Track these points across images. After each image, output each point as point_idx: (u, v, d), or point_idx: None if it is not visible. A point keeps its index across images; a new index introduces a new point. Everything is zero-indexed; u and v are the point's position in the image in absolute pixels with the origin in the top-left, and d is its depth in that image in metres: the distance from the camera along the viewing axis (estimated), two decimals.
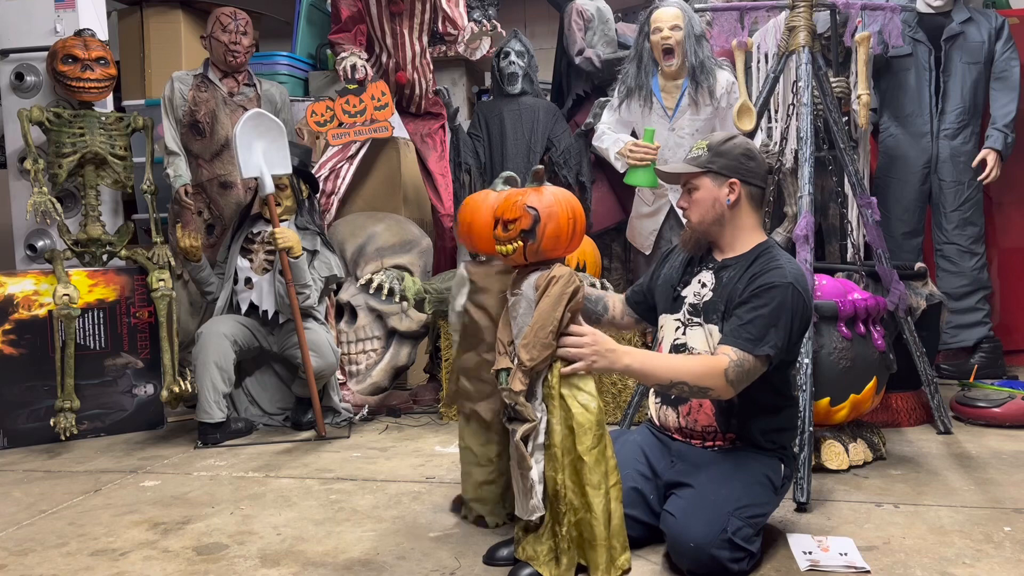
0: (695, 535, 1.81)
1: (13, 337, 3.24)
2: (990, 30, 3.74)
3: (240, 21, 3.67)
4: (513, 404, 1.80)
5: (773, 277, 1.91)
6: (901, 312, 2.91)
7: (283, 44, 4.81)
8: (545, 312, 1.80)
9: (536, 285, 1.84)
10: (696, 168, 2.03)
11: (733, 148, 2.03)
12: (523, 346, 1.79)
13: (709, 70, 3.31)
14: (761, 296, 1.90)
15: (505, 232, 1.87)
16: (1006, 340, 3.98)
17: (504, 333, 1.92)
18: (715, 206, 2.02)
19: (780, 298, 1.88)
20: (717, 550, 1.79)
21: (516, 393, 1.79)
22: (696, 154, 2.06)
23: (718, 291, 2.00)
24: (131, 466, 2.92)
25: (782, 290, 1.89)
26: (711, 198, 2.02)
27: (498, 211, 1.91)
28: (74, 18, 3.66)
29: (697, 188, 2.04)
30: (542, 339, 1.79)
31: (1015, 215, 4.16)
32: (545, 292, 1.81)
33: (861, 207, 2.92)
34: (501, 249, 1.88)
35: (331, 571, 1.96)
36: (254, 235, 3.42)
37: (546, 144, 3.90)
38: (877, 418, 2.97)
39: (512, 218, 1.85)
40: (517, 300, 1.89)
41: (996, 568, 1.87)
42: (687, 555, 1.83)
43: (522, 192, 1.90)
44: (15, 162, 3.70)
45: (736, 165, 2.02)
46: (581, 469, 1.80)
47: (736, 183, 2.01)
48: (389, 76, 3.97)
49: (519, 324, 1.87)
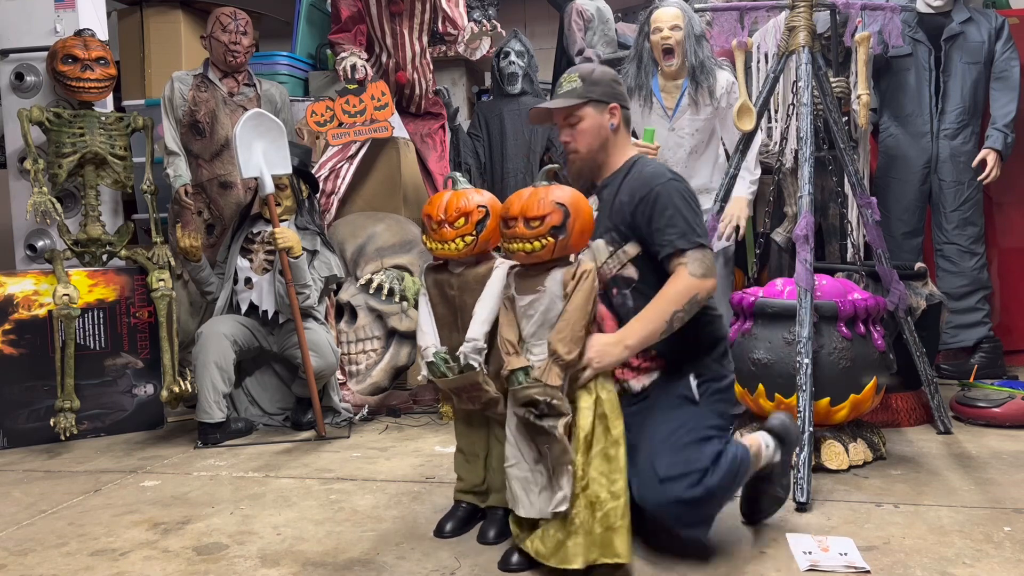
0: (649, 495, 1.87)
1: (13, 337, 3.24)
2: (990, 30, 3.74)
3: (240, 21, 3.67)
4: (549, 400, 1.79)
5: (653, 182, 2.03)
6: (901, 312, 2.91)
7: (283, 44, 4.81)
8: (580, 306, 1.84)
9: (564, 281, 1.87)
10: (578, 100, 2.11)
11: (604, 75, 2.15)
12: (561, 340, 1.82)
13: (709, 70, 3.31)
14: (657, 202, 2.01)
15: (530, 229, 1.86)
16: (1006, 340, 3.97)
17: (511, 333, 1.92)
18: (600, 132, 2.13)
19: (670, 193, 2.00)
20: (669, 493, 1.85)
21: (555, 388, 1.80)
22: (572, 87, 2.14)
23: (602, 210, 2.11)
24: (131, 466, 2.92)
25: (666, 186, 2.01)
26: (596, 125, 2.13)
27: (517, 209, 1.89)
28: (74, 18, 3.66)
29: (582, 119, 2.13)
30: (578, 333, 1.83)
31: (1015, 215, 4.16)
32: (577, 286, 1.85)
33: (861, 207, 2.92)
34: (523, 247, 1.87)
35: (331, 571, 1.96)
36: (254, 235, 3.42)
37: (546, 144, 3.90)
38: (877, 418, 2.97)
39: (540, 215, 1.86)
40: (538, 298, 1.89)
41: (996, 568, 1.87)
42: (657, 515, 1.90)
43: (544, 189, 1.91)
44: (15, 162, 3.70)
45: (611, 91, 2.14)
46: (616, 454, 1.84)
47: (616, 108, 2.13)
48: (389, 76, 3.97)
49: (538, 321, 1.89)
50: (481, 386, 2.01)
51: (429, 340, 2.08)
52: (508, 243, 1.91)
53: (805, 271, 2.53)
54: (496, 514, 2.14)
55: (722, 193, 3.04)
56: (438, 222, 2.05)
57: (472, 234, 2.04)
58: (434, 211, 2.06)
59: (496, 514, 2.14)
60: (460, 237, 2.04)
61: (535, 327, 1.89)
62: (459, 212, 2.04)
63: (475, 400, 2.07)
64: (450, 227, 2.03)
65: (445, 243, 2.05)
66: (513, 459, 1.93)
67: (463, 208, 2.04)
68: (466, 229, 2.03)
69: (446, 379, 2.01)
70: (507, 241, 1.91)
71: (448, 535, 2.13)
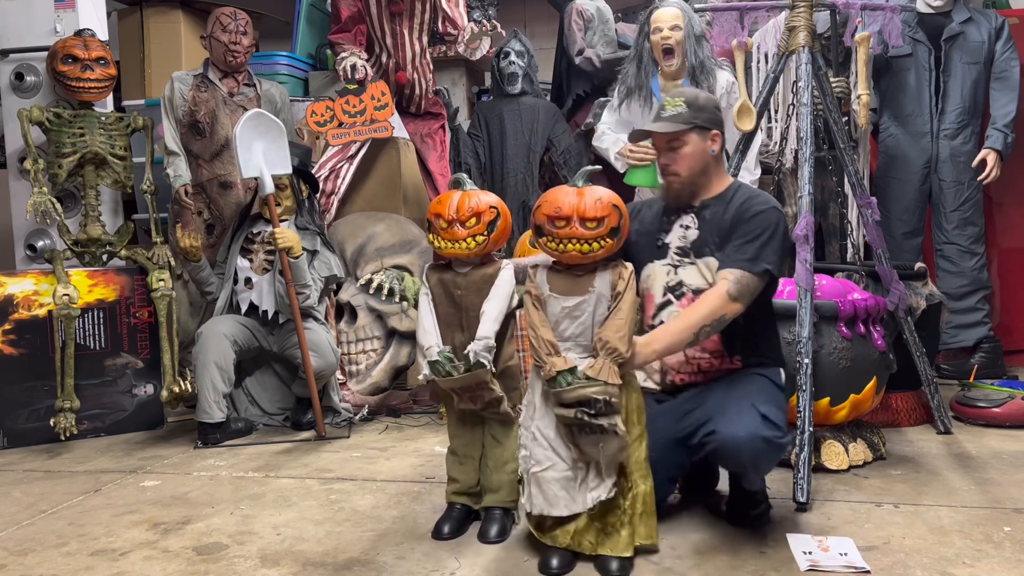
0: (741, 427, 1.93)
1: (13, 337, 3.24)
2: (990, 30, 3.74)
3: (240, 21, 3.67)
4: (608, 398, 1.82)
5: (758, 204, 2.11)
6: (901, 312, 2.91)
7: (283, 44, 4.81)
8: (632, 306, 1.89)
9: (612, 282, 1.90)
10: (684, 125, 2.14)
11: (708, 102, 2.19)
12: (620, 339, 1.85)
13: (709, 70, 3.31)
14: (750, 222, 2.08)
15: (587, 230, 1.87)
16: (1006, 340, 3.97)
17: (548, 333, 1.90)
18: (702, 157, 2.16)
19: (768, 219, 2.08)
20: (765, 431, 1.93)
21: (615, 386, 1.83)
22: (677, 111, 2.15)
23: (704, 228, 2.16)
24: (131, 466, 2.92)
25: (768, 213, 2.09)
26: (699, 151, 2.16)
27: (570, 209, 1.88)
28: (74, 18, 3.66)
29: (685, 144, 2.15)
30: (632, 331, 1.88)
31: (1015, 215, 4.16)
32: (627, 286, 1.90)
33: (861, 207, 2.92)
34: (579, 248, 1.87)
35: (331, 571, 1.96)
36: (254, 235, 3.42)
37: (546, 144, 3.90)
38: (877, 418, 2.97)
39: (598, 216, 1.87)
40: (586, 299, 1.90)
41: (996, 568, 1.87)
42: (741, 447, 1.93)
43: (594, 190, 1.92)
44: (15, 162, 3.70)
45: (715, 118, 2.18)
46: (643, 446, 1.94)
47: (718, 135, 2.18)
48: (389, 76, 3.97)
49: (586, 322, 1.90)
50: (488, 385, 2.02)
51: (432, 339, 2.07)
52: (557, 243, 1.89)
53: (805, 271, 2.53)
54: (495, 513, 2.15)
55: None
56: (449, 221, 2.05)
57: (484, 234, 2.05)
58: (445, 210, 2.06)
59: (495, 513, 2.15)
60: (472, 237, 2.04)
61: (581, 328, 1.91)
62: (471, 212, 2.05)
63: (477, 400, 2.07)
64: (462, 226, 2.04)
65: (456, 242, 2.05)
66: (547, 462, 1.92)
67: (475, 208, 2.05)
68: (478, 229, 2.04)
69: (451, 378, 2.01)
70: (555, 241, 1.89)
71: (447, 537, 2.12)
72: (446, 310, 2.12)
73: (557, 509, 1.91)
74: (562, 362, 1.85)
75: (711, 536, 2.10)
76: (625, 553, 1.89)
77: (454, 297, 2.10)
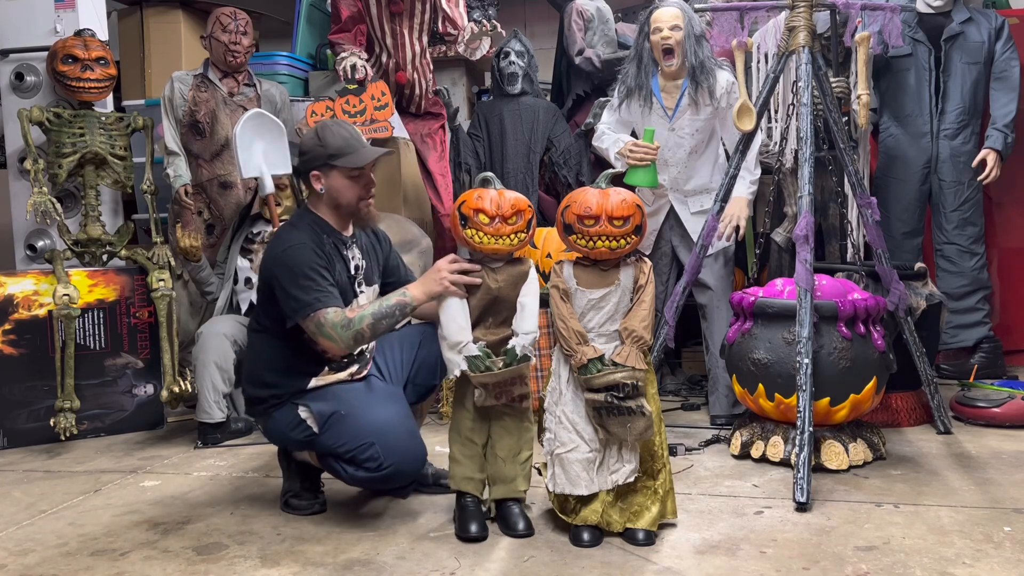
0: None
1: (13, 337, 3.24)
2: (990, 30, 3.74)
3: (240, 21, 3.66)
4: (636, 382, 1.99)
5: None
6: (901, 312, 2.91)
7: (283, 44, 4.81)
8: (653, 298, 2.08)
9: (635, 275, 2.08)
10: None
11: None
12: (646, 328, 2.04)
13: (709, 70, 3.31)
14: None
15: (615, 227, 2.02)
16: (1006, 340, 3.97)
17: (577, 324, 2.05)
18: None
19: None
20: None
21: (643, 371, 2.01)
22: None
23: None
24: (131, 466, 2.92)
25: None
26: None
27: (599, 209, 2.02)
28: (74, 18, 3.66)
29: None
30: (653, 321, 2.07)
31: (1015, 215, 4.16)
32: (648, 279, 2.07)
33: (861, 207, 2.92)
34: (608, 244, 2.02)
35: (331, 571, 1.96)
36: (254, 235, 3.42)
37: (546, 144, 3.89)
38: (877, 418, 2.97)
39: (625, 215, 2.02)
40: (612, 291, 2.06)
41: (996, 568, 1.87)
42: None
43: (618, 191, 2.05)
44: (15, 162, 3.70)
45: None
46: (662, 429, 2.11)
47: None
48: (389, 76, 3.96)
49: (610, 312, 2.06)
50: (526, 378, 2.10)
51: (466, 335, 2.11)
52: (587, 240, 2.04)
53: (805, 271, 2.53)
54: (513, 508, 2.15)
55: (722, 193, 3.04)
56: (492, 218, 2.09)
57: (525, 231, 2.13)
58: (487, 206, 2.10)
59: (513, 508, 2.15)
60: (515, 233, 2.11)
61: (605, 318, 2.07)
62: (514, 209, 2.10)
63: (509, 394, 2.10)
64: (505, 223, 2.10)
65: (500, 238, 2.10)
66: (571, 443, 2.06)
67: (517, 205, 2.11)
68: (520, 226, 2.13)
69: (489, 373, 2.05)
70: (585, 239, 2.04)
71: (475, 536, 2.10)
72: (475, 304, 2.15)
73: (579, 488, 2.05)
74: (592, 351, 2.01)
75: (711, 536, 2.10)
76: (652, 528, 2.07)
77: (491, 292, 2.14)
